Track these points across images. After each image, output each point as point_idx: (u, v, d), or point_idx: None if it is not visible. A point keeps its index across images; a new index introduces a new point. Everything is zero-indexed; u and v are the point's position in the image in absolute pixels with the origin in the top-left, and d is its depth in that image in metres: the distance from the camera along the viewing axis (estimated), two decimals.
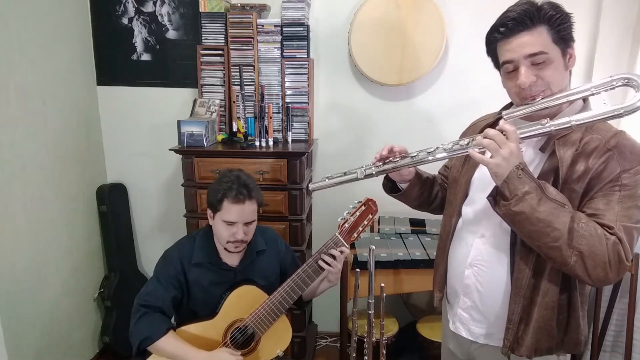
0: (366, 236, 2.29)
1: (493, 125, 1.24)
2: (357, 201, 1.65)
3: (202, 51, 2.36)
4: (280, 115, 2.40)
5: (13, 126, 2.00)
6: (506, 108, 1.24)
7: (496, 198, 1.08)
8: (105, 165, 2.72)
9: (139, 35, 2.53)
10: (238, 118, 2.35)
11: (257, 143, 2.28)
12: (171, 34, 2.52)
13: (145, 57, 2.56)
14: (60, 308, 2.33)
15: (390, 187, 1.50)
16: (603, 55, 2.23)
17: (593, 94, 1.03)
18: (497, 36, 1.12)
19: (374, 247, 1.74)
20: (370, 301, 1.78)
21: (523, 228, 1.05)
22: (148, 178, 2.71)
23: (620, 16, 2.18)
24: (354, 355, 1.91)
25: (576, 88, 1.06)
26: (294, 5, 2.28)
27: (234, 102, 2.35)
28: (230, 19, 2.30)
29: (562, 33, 1.08)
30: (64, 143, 2.34)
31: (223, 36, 2.34)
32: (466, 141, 1.15)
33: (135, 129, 2.65)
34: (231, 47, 2.33)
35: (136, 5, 2.49)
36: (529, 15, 1.06)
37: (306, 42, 2.34)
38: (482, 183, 1.22)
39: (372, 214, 1.62)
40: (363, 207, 1.62)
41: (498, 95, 1.33)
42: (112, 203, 2.61)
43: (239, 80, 2.35)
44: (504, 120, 1.13)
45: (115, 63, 2.58)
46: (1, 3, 1.91)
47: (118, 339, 2.57)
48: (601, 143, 1.06)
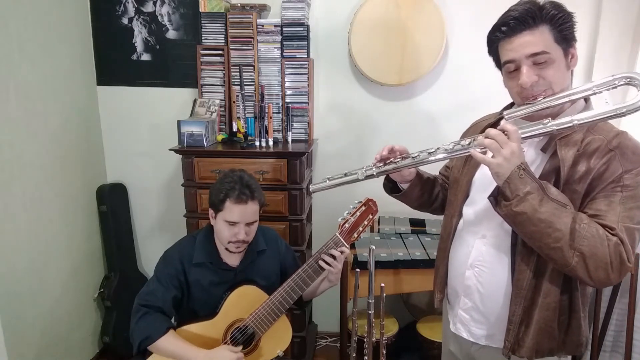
0: (366, 236, 2.29)
1: (494, 125, 1.23)
2: (358, 201, 1.65)
3: (202, 51, 2.36)
4: (280, 115, 2.39)
5: (13, 126, 2.00)
6: (507, 108, 1.24)
7: (497, 198, 1.08)
8: (105, 165, 2.71)
9: (139, 35, 2.53)
10: (238, 118, 2.35)
11: (257, 143, 2.28)
12: (171, 34, 2.51)
13: (145, 57, 2.55)
14: (60, 308, 2.33)
15: (390, 188, 1.49)
16: (603, 55, 2.23)
17: (595, 93, 1.03)
18: (499, 35, 1.11)
19: (374, 247, 1.74)
20: (370, 301, 1.78)
21: (524, 228, 1.05)
22: (148, 178, 2.71)
23: (620, 16, 2.18)
24: (354, 355, 1.91)
25: (578, 87, 1.05)
26: (294, 5, 2.27)
27: (234, 102, 2.35)
28: (230, 19, 2.30)
29: (564, 33, 1.07)
30: (64, 143, 2.34)
31: (223, 36, 2.34)
32: (467, 141, 1.14)
33: (135, 129, 2.65)
34: (231, 47, 2.33)
35: (136, 5, 2.49)
36: (531, 14, 1.05)
37: (306, 42, 2.34)
38: (483, 183, 1.22)
39: (373, 214, 1.62)
40: (363, 207, 1.62)
41: (498, 95, 1.33)
42: (112, 203, 2.61)
43: (239, 80, 2.35)
44: (506, 120, 1.13)
45: (115, 63, 2.57)
46: (1, 3, 1.91)
47: (118, 339, 2.56)
48: (603, 143, 1.06)
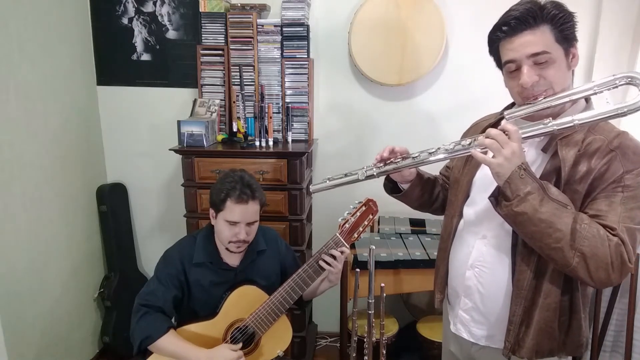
0: (366, 236, 2.29)
1: (495, 125, 1.23)
2: (358, 201, 1.65)
3: (202, 51, 2.36)
4: (280, 115, 2.39)
5: (13, 126, 2.00)
6: (508, 108, 1.24)
7: (498, 198, 1.07)
8: (105, 165, 2.71)
9: (139, 35, 2.52)
10: (238, 118, 2.35)
11: (257, 143, 2.28)
12: (171, 34, 2.51)
13: (145, 57, 2.55)
14: (60, 308, 2.33)
15: (391, 188, 1.49)
16: (603, 55, 2.23)
17: (595, 93, 1.03)
18: (500, 35, 1.11)
19: (374, 247, 1.74)
20: (370, 301, 1.78)
21: (525, 229, 1.05)
22: (148, 178, 2.71)
23: (620, 16, 2.18)
24: (354, 355, 1.91)
25: (578, 87, 1.05)
26: (294, 5, 2.27)
27: (234, 102, 2.35)
28: (230, 19, 2.30)
29: (565, 32, 1.07)
30: (64, 143, 2.34)
31: (223, 36, 2.34)
32: (468, 141, 1.14)
33: (135, 129, 2.65)
34: (231, 47, 2.33)
35: (136, 5, 2.49)
36: (532, 14, 1.05)
37: (306, 42, 2.34)
38: (484, 184, 1.22)
39: (373, 214, 1.62)
40: (363, 208, 1.61)
41: (499, 95, 1.33)
42: (112, 203, 2.61)
43: (239, 80, 2.35)
44: (506, 120, 1.13)
45: (115, 63, 2.57)
46: (1, 3, 1.91)
47: (118, 339, 2.56)
48: (604, 144, 1.05)
